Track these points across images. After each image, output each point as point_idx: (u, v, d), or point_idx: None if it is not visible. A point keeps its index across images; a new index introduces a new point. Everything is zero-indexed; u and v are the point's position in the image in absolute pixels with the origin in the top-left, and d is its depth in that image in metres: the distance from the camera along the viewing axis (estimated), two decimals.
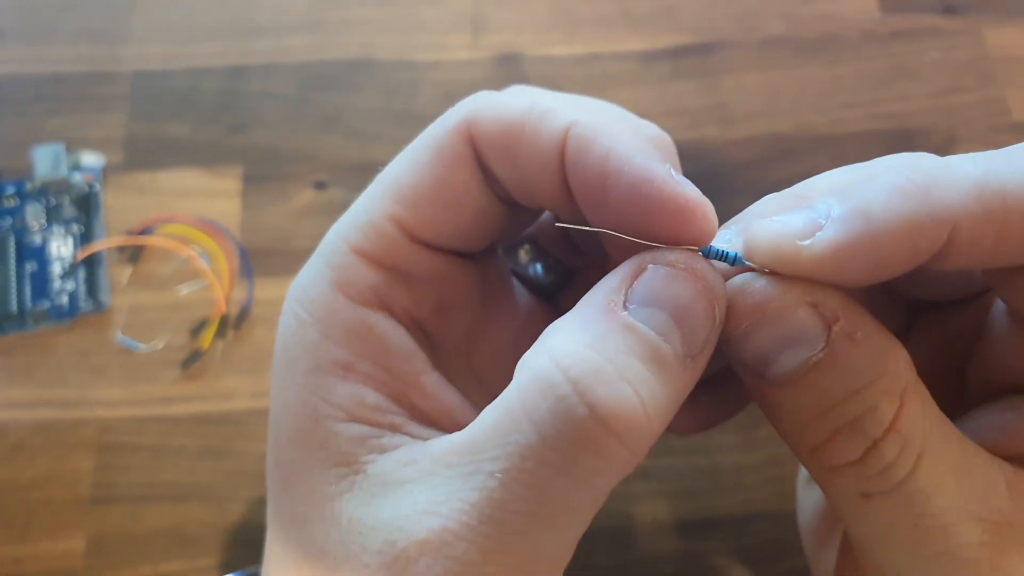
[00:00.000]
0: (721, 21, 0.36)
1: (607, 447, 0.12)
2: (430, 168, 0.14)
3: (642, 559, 0.27)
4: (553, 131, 0.13)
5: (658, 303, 0.12)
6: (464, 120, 0.14)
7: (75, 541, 0.27)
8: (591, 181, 0.13)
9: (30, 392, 0.29)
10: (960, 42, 0.36)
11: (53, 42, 0.35)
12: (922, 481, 0.13)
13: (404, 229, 0.14)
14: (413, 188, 0.14)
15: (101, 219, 0.32)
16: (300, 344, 0.14)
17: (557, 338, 0.12)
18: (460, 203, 0.14)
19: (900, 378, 0.13)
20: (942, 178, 0.12)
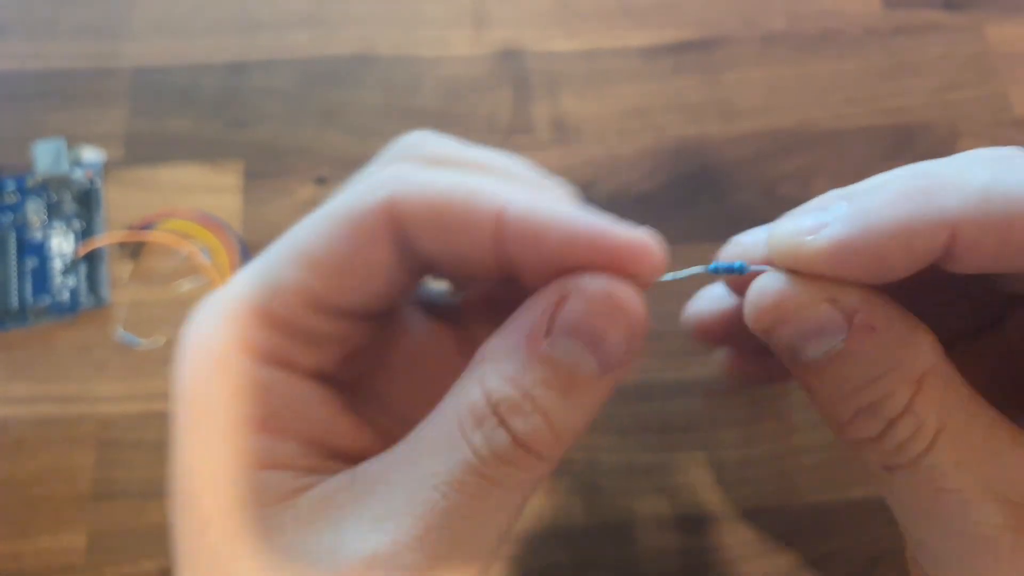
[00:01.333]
0: (723, 17, 0.36)
1: (528, 463, 0.14)
2: (346, 243, 0.14)
3: (645, 554, 0.27)
4: (485, 213, 0.14)
5: (576, 334, 0.14)
6: (387, 200, 0.14)
7: (76, 537, 0.27)
8: (542, 255, 0.14)
9: (31, 388, 0.29)
10: (962, 38, 0.36)
11: (54, 38, 0.35)
12: (939, 457, 0.14)
13: (313, 298, 0.15)
14: (326, 259, 0.14)
15: (102, 215, 0.32)
16: (206, 404, 0.14)
17: (487, 367, 0.14)
18: (372, 278, 0.15)
19: (919, 363, 0.14)
20: (948, 184, 0.13)
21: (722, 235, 0.32)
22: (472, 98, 0.35)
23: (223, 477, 0.14)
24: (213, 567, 0.14)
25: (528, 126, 0.34)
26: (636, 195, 0.33)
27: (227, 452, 0.14)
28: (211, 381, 0.14)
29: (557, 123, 0.34)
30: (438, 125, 0.34)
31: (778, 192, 0.33)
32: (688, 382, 0.29)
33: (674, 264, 0.34)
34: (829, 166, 0.33)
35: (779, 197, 0.33)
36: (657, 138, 0.34)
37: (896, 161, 0.34)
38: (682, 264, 0.33)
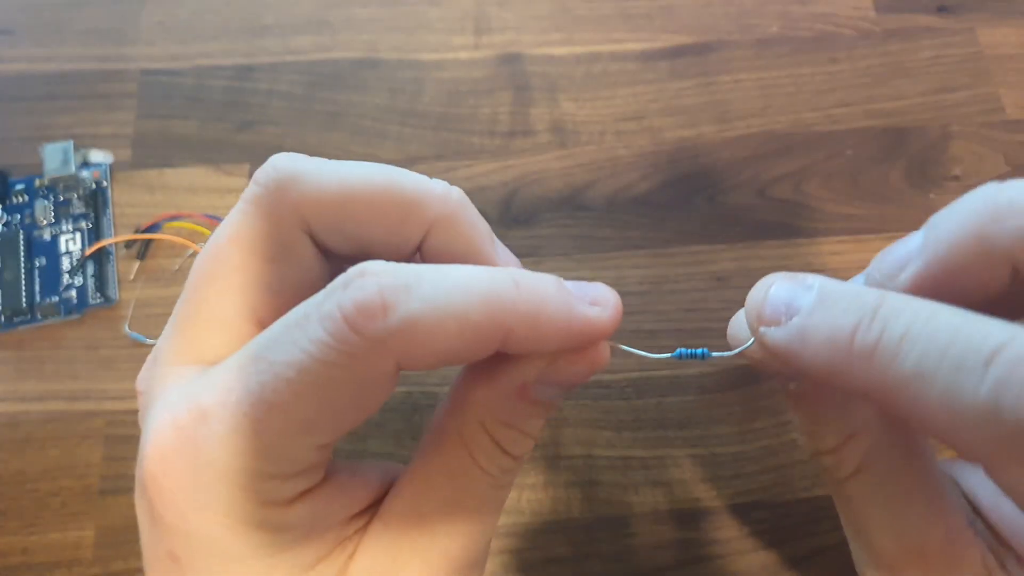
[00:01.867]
0: (718, 21, 0.37)
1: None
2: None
3: (642, 547, 0.27)
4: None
5: (556, 385, 0.17)
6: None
7: (84, 532, 0.27)
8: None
9: (39, 385, 0.30)
10: (954, 41, 0.36)
11: (62, 41, 0.36)
12: (853, 490, 0.17)
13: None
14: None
15: (109, 215, 0.33)
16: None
17: (480, 411, 0.17)
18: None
19: (850, 425, 0.17)
20: (1002, 208, 0.14)
21: (717, 235, 0.33)
22: (473, 101, 0.35)
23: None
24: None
25: (528, 129, 0.35)
26: (633, 196, 0.33)
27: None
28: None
29: (556, 126, 0.35)
30: (439, 127, 0.35)
31: (772, 193, 0.33)
32: (683, 379, 0.30)
33: (675, 263, 0.35)
34: (822, 168, 0.34)
35: (773, 198, 0.33)
36: (654, 140, 0.34)
37: (889, 162, 0.34)
38: (682, 263, 0.34)
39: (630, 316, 0.31)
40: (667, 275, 0.32)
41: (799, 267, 0.32)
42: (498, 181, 0.34)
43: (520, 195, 0.33)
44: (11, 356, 0.30)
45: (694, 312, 0.31)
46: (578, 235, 0.32)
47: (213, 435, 0.14)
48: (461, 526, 0.16)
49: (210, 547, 0.15)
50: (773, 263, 0.32)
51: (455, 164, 0.34)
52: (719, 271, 0.32)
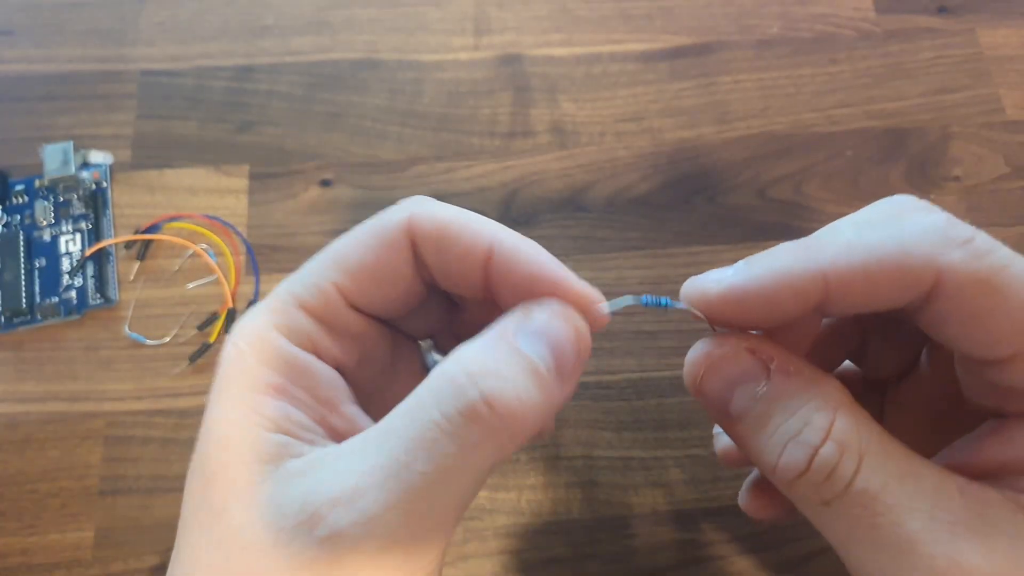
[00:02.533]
0: (718, 22, 0.37)
1: (490, 424, 0.15)
2: (373, 251, 0.18)
3: (642, 548, 0.27)
4: (481, 242, 0.17)
5: (538, 335, 0.16)
6: (407, 217, 0.17)
7: (84, 532, 0.28)
8: (516, 281, 0.17)
9: (39, 386, 0.30)
10: (954, 42, 0.36)
11: (62, 42, 0.36)
12: (867, 481, 0.16)
13: (343, 294, 0.18)
14: (356, 263, 0.18)
15: (109, 216, 0.33)
16: (239, 368, 0.17)
17: (461, 351, 0.16)
18: (392, 281, 0.18)
19: (831, 398, 0.16)
20: (822, 241, 0.16)
21: (717, 236, 0.33)
22: (473, 102, 0.35)
23: (234, 434, 0.16)
24: (211, 515, 0.16)
25: (528, 130, 0.35)
26: (633, 197, 0.33)
27: (243, 412, 0.16)
28: (246, 351, 0.17)
29: (556, 127, 0.35)
30: (440, 129, 0.35)
31: (772, 194, 0.33)
32: (683, 380, 0.30)
33: (675, 264, 0.35)
34: (822, 169, 0.34)
35: (773, 199, 0.33)
36: (654, 141, 0.34)
37: (889, 163, 0.34)
38: (682, 264, 0.34)
39: (631, 317, 0.31)
40: (667, 276, 0.32)
41: None
42: (498, 182, 0.34)
43: (520, 196, 0.33)
44: (11, 357, 0.30)
45: None
46: (578, 236, 0.32)
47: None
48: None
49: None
50: None
51: (455, 165, 0.34)
52: None
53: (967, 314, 0.15)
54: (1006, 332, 0.15)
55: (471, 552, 0.27)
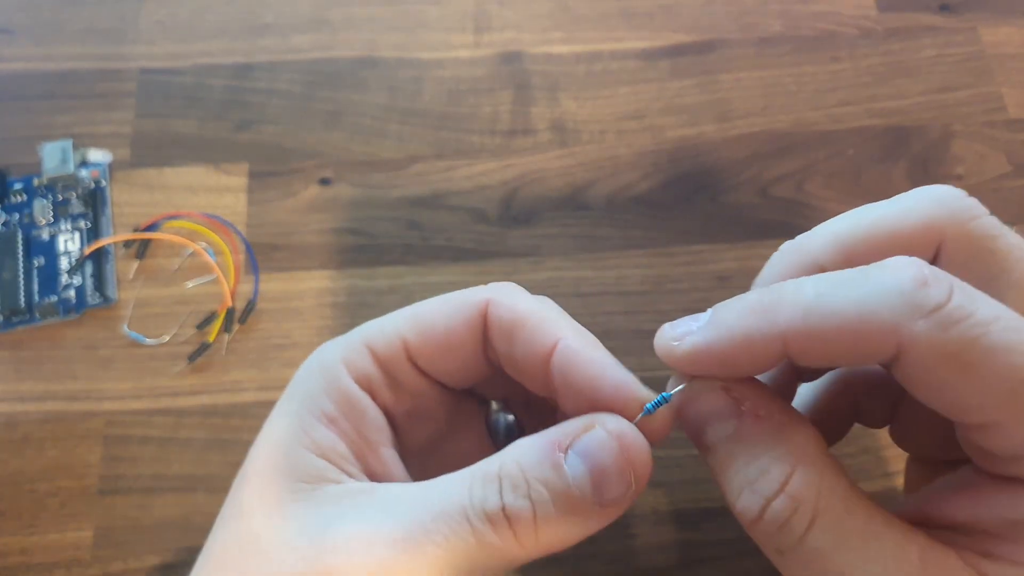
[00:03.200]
0: (720, 20, 0.37)
1: (505, 534, 0.16)
2: (447, 319, 0.19)
3: (643, 548, 0.27)
4: (547, 337, 0.18)
5: (584, 457, 0.16)
6: (486, 300, 0.19)
7: (83, 532, 0.27)
8: (575, 383, 0.17)
9: (38, 385, 0.30)
10: (956, 40, 0.36)
11: (61, 40, 0.36)
12: (819, 540, 0.15)
13: (409, 351, 0.19)
14: (429, 326, 0.19)
15: (108, 215, 0.32)
16: (304, 390, 0.18)
17: (512, 451, 0.17)
18: (457, 354, 0.19)
19: (796, 450, 0.16)
20: (784, 299, 0.16)
21: (718, 235, 0.33)
22: (473, 100, 0.35)
23: (280, 448, 0.17)
24: (238, 514, 0.17)
25: (528, 128, 0.34)
26: (634, 196, 0.33)
27: (294, 430, 0.18)
28: (310, 378, 0.18)
29: (557, 125, 0.35)
30: (440, 127, 0.35)
31: (773, 193, 0.33)
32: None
33: (676, 263, 0.35)
34: (824, 167, 0.34)
35: (774, 198, 0.33)
36: (655, 139, 0.34)
37: (891, 161, 0.34)
38: (683, 263, 0.34)
39: (631, 316, 0.31)
40: (668, 275, 0.32)
41: None
42: (498, 180, 0.33)
43: (520, 194, 0.33)
44: (10, 356, 0.30)
45: (695, 312, 0.31)
46: (579, 235, 0.32)
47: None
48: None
49: None
50: None
51: (455, 163, 0.34)
52: (721, 271, 0.32)
53: (935, 382, 0.15)
54: (975, 404, 0.15)
55: None
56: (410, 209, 0.33)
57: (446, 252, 0.32)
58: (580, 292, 0.31)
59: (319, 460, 0.17)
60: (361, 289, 0.31)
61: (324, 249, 0.32)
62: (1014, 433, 0.15)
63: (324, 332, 0.30)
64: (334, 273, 0.32)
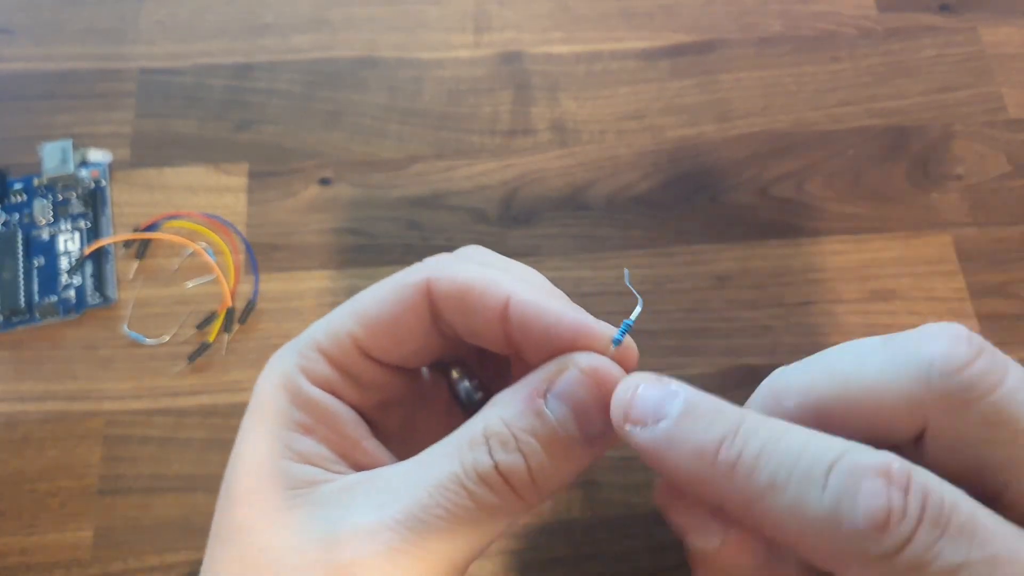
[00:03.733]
0: (720, 20, 0.37)
1: (503, 492, 0.16)
2: (390, 307, 0.18)
3: (643, 547, 0.27)
4: (494, 300, 0.18)
5: (564, 398, 0.17)
6: (425, 279, 0.18)
7: (83, 532, 0.27)
8: (535, 336, 0.18)
9: (38, 385, 0.30)
10: (956, 40, 0.36)
11: (61, 40, 0.36)
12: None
13: (360, 347, 0.19)
14: (374, 319, 0.19)
15: (108, 214, 0.32)
16: (272, 405, 0.18)
17: (493, 410, 0.17)
18: (407, 337, 0.19)
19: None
20: (749, 472, 0.15)
21: (718, 235, 0.33)
22: (473, 100, 0.35)
23: (263, 462, 0.17)
24: (235, 532, 0.17)
25: (528, 128, 0.34)
26: (634, 196, 0.33)
27: (272, 444, 0.18)
28: (274, 393, 0.18)
29: (557, 125, 0.35)
30: (440, 127, 0.35)
31: (773, 192, 0.33)
32: (685, 379, 0.30)
33: (676, 263, 0.35)
34: (824, 167, 0.34)
35: (774, 198, 0.33)
36: (655, 139, 0.34)
37: (891, 162, 0.34)
38: (683, 263, 0.34)
39: None
40: (668, 275, 0.32)
41: (801, 266, 0.32)
42: (498, 180, 0.33)
43: (520, 194, 0.33)
44: (10, 356, 0.30)
45: (695, 312, 0.31)
46: (579, 234, 0.32)
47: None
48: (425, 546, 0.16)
49: None
50: (775, 263, 0.32)
51: (455, 163, 0.34)
52: (720, 271, 0.32)
53: None
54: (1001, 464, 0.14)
55: None
56: (410, 209, 0.33)
57: (446, 252, 0.32)
58: (580, 292, 0.31)
59: (306, 467, 0.17)
60: (361, 289, 0.31)
61: (324, 249, 0.32)
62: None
63: None
64: (334, 273, 0.32)
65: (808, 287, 0.32)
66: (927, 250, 0.32)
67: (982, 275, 0.32)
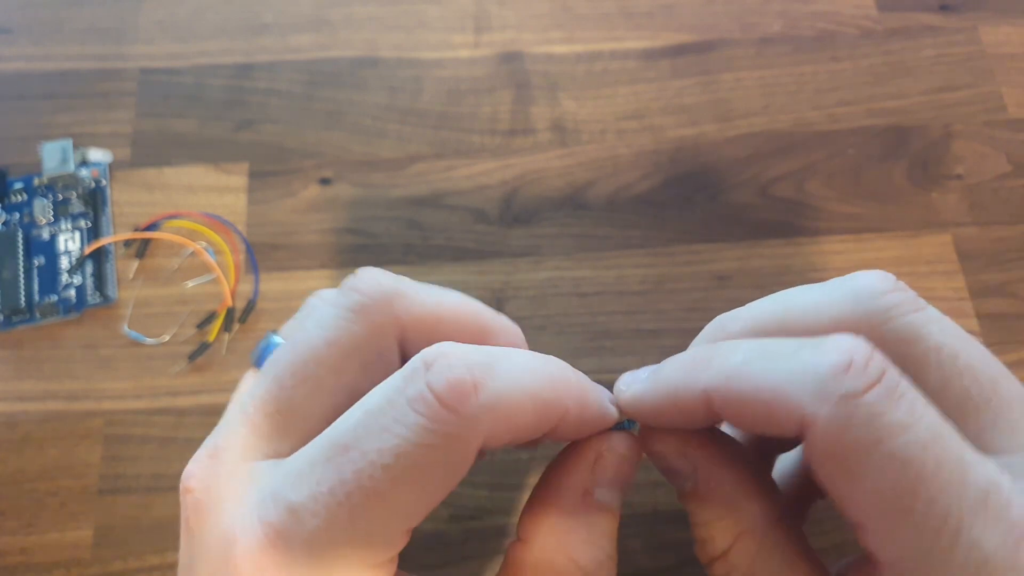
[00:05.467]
0: (720, 20, 0.37)
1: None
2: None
3: (642, 548, 0.27)
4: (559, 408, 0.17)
5: (615, 483, 0.18)
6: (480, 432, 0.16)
7: (83, 531, 0.27)
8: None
9: (38, 384, 0.30)
10: (956, 40, 0.36)
11: (60, 39, 0.36)
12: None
13: None
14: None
15: (108, 214, 0.32)
16: None
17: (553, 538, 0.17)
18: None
19: (741, 522, 0.17)
20: (714, 361, 0.16)
21: (718, 235, 0.33)
22: (473, 100, 0.35)
23: None
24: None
25: (528, 127, 0.34)
26: (634, 195, 0.33)
27: None
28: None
29: (557, 124, 0.35)
30: (440, 127, 0.35)
31: (774, 192, 0.33)
32: None
33: (676, 262, 0.35)
34: (824, 167, 0.34)
35: (774, 198, 0.33)
36: (655, 139, 0.34)
37: (891, 161, 0.34)
38: (683, 262, 0.34)
39: (631, 316, 0.31)
40: (668, 274, 0.32)
41: (801, 266, 0.32)
42: (498, 180, 0.33)
43: (520, 194, 0.33)
44: (9, 356, 0.30)
45: (695, 312, 0.31)
46: (579, 234, 0.32)
47: (308, 532, 0.14)
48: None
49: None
50: (775, 262, 0.32)
51: (455, 163, 0.34)
52: (721, 270, 0.32)
53: (823, 472, 0.15)
54: (856, 504, 0.14)
55: (471, 552, 0.27)
56: (410, 209, 0.33)
57: (446, 252, 0.32)
58: (580, 292, 0.31)
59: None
60: None
61: (324, 249, 0.32)
62: (885, 543, 0.14)
63: None
64: (334, 273, 0.32)
65: None
66: (927, 250, 0.32)
67: (982, 275, 0.32)
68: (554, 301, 0.31)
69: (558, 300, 0.31)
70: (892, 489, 0.13)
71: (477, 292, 0.31)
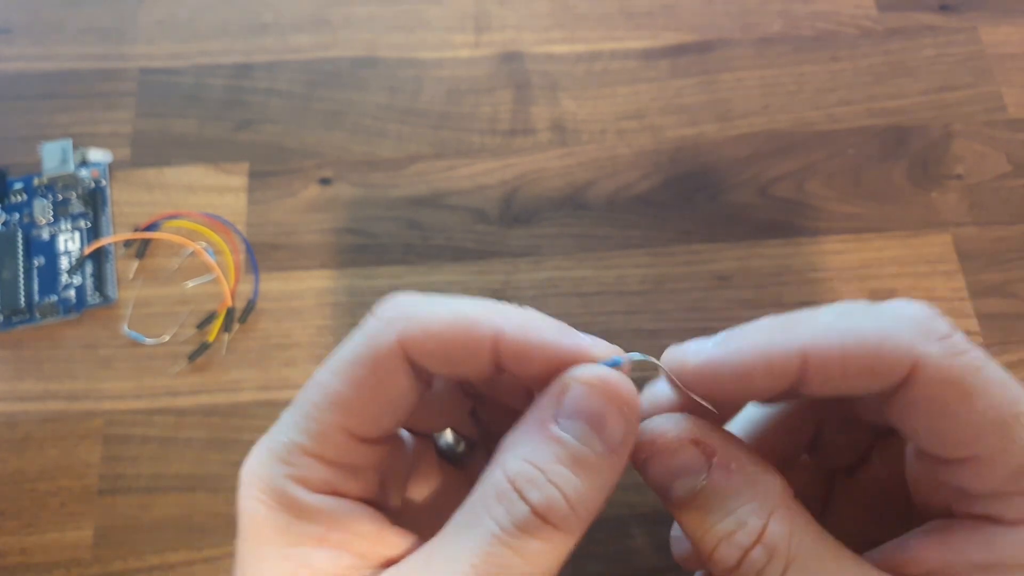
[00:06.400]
0: (720, 19, 0.37)
1: (547, 534, 0.15)
2: (371, 385, 0.17)
3: (641, 548, 0.27)
4: (483, 339, 0.17)
5: (578, 415, 0.16)
6: (397, 339, 0.17)
7: (83, 531, 0.27)
8: (534, 366, 0.17)
9: (38, 385, 0.30)
10: (956, 39, 0.36)
11: (61, 39, 0.36)
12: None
13: (352, 435, 0.17)
14: (356, 402, 0.17)
15: (108, 214, 0.32)
16: (272, 526, 0.17)
17: (508, 454, 0.16)
18: (397, 406, 0.18)
19: (769, 499, 0.16)
20: (803, 321, 0.16)
21: (718, 235, 0.33)
22: (473, 100, 0.35)
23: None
24: None
25: (528, 127, 0.34)
26: (634, 195, 0.33)
27: (284, 567, 0.16)
28: (268, 512, 0.17)
29: (557, 124, 0.35)
30: (440, 126, 0.35)
31: (773, 192, 0.33)
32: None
33: (676, 262, 0.35)
34: (824, 167, 0.34)
35: (774, 198, 0.33)
36: (655, 139, 0.34)
37: (891, 161, 0.34)
38: (683, 262, 0.34)
39: (631, 316, 0.31)
40: (668, 274, 0.32)
41: (801, 266, 0.32)
42: (498, 180, 0.33)
43: (520, 194, 0.33)
44: (10, 356, 0.30)
45: (695, 311, 0.31)
46: (579, 234, 0.32)
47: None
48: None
49: None
50: (775, 262, 0.32)
51: (455, 163, 0.34)
52: (721, 270, 0.32)
53: (935, 409, 0.15)
54: (969, 434, 0.15)
55: None
56: (410, 209, 0.33)
57: (446, 252, 0.32)
58: (580, 292, 0.31)
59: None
60: (361, 289, 0.31)
61: (324, 249, 0.32)
62: (996, 468, 0.15)
63: (324, 332, 0.30)
64: (334, 273, 0.32)
65: (808, 287, 0.32)
66: (927, 250, 0.32)
67: (982, 275, 0.32)
68: (554, 301, 0.31)
69: (558, 300, 0.31)
70: (1000, 405, 0.15)
71: (477, 292, 0.31)
